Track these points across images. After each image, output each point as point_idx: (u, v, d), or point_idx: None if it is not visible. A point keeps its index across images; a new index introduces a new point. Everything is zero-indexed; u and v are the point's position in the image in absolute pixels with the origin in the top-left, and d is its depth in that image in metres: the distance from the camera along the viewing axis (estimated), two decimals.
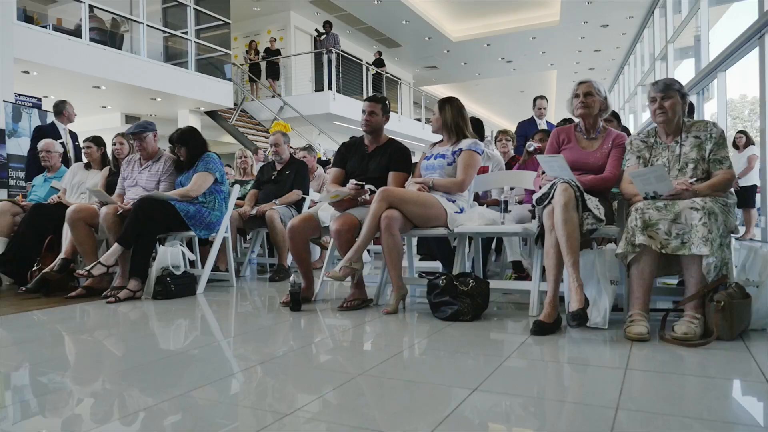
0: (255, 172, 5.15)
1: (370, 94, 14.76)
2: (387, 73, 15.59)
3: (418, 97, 23.08)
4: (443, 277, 2.68)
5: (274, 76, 13.26)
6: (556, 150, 2.87)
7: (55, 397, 1.67)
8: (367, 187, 3.05)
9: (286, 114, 12.69)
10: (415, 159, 3.61)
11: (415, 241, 3.93)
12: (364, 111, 3.33)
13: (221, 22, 11.64)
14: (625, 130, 4.17)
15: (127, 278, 3.58)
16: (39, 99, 8.21)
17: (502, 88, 24.61)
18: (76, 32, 8.94)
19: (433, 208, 2.92)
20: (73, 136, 6.48)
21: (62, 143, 5.68)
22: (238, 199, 4.86)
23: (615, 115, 3.63)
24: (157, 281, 3.51)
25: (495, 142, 4.88)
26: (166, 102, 11.08)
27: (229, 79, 11.84)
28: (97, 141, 4.65)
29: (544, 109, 6.51)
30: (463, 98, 17.31)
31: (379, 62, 15.43)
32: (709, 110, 11.31)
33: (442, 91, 24.53)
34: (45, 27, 8.96)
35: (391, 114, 12.88)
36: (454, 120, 3.14)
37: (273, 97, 13.02)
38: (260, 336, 2.52)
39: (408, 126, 16.52)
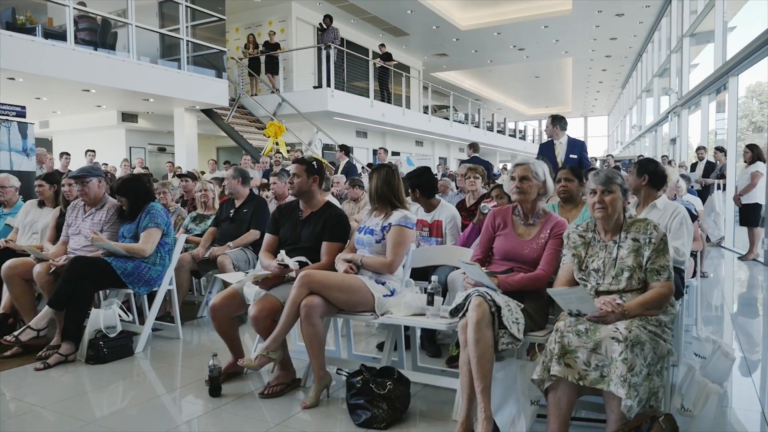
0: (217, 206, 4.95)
1: (375, 87, 14.44)
2: (393, 63, 15.13)
3: (429, 82, 22.62)
4: (360, 377, 2.49)
5: (273, 71, 12.98)
6: (490, 234, 2.62)
7: None
8: (292, 264, 2.85)
9: (285, 111, 12.44)
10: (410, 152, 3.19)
11: None
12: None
13: (216, 18, 11.34)
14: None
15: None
16: (23, 107, 8.07)
17: (516, 74, 23.95)
18: (66, 34, 8.75)
19: (359, 293, 2.71)
20: None
21: None
22: (197, 235, 4.70)
23: (577, 175, 3.33)
24: (90, 345, 3.39)
25: (464, 180, 4.61)
26: (160, 101, 10.92)
27: (224, 71, 11.58)
28: (50, 179, 4.50)
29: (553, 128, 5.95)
30: (477, 84, 16.90)
31: (386, 56, 14.98)
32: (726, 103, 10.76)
33: (454, 76, 23.99)
34: (34, 28, 8.83)
35: (396, 108, 12.45)
36: (379, 190, 2.90)
37: (272, 92, 12.77)
38: None
39: (412, 119, 16.14)
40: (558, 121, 5.79)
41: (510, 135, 25.39)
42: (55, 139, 14.09)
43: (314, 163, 3.19)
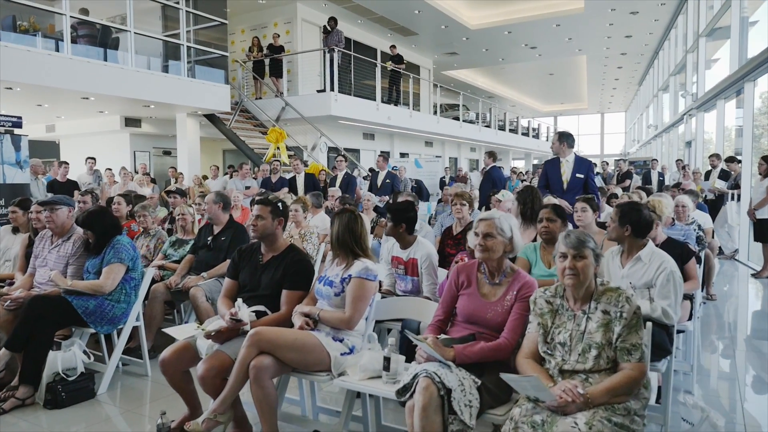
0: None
1: (384, 85, 14.16)
2: (403, 66, 14.83)
3: (441, 80, 22.27)
4: None
5: (277, 74, 12.80)
6: (454, 294, 2.41)
7: None
8: (246, 317, 2.66)
9: (289, 114, 12.28)
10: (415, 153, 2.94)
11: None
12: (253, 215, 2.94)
13: (218, 23, 11.17)
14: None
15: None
16: (19, 118, 7.99)
17: (530, 71, 23.50)
18: (64, 41, 8.64)
19: (313, 352, 2.51)
20: None
21: None
22: (175, 261, 4.55)
23: (560, 214, 3.09)
24: (47, 389, 3.26)
25: (451, 206, 4.39)
26: (161, 107, 10.82)
27: (226, 71, 11.42)
28: (23, 204, 4.38)
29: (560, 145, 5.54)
30: (490, 81, 16.58)
31: (397, 58, 14.69)
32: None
33: (466, 74, 23.64)
34: (34, 35, 8.76)
35: (403, 110, 12.09)
36: (340, 238, 2.69)
37: (276, 96, 12.60)
38: None
39: (420, 121, 15.85)
40: (565, 138, 5.49)
41: (523, 133, 24.93)
42: (63, 143, 14.13)
43: (279, 204, 3.01)
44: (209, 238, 4.42)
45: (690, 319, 3.46)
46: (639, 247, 2.78)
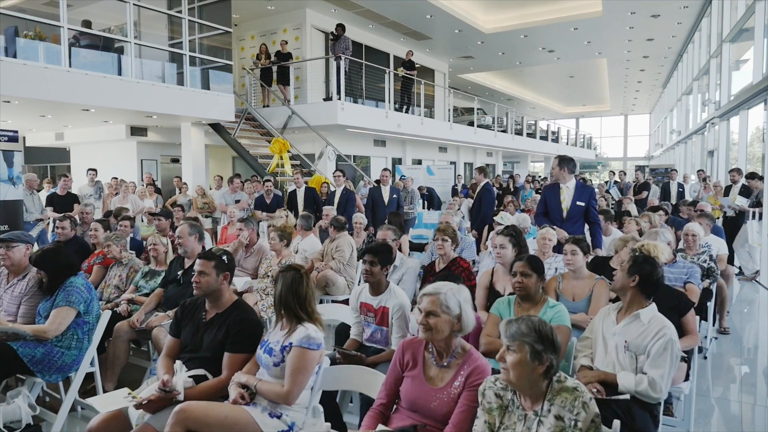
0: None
1: (397, 87, 13.86)
2: (415, 72, 14.49)
3: (457, 83, 21.90)
4: None
5: (284, 82, 12.60)
6: (398, 374, 2.12)
7: None
8: (180, 385, 2.42)
9: (296, 123, 12.07)
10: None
11: None
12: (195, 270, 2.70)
13: (222, 31, 11.02)
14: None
15: None
16: (15, 132, 7.92)
17: (550, 73, 22.98)
18: (69, 51, 8.54)
19: (245, 431, 2.26)
20: None
21: None
22: (145, 294, 4.35)
23: (535, 268, 2.77)
24: None
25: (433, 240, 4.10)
26: (165, 118, 10.71)
27: (231, 73, 11.25)
28: None
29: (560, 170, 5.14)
30: (509, 84, 16.13)
31: (409, 64, 14.36)
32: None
33: (484, 77, 23.24)
34: (44, 39, 8.71)
35: (414, 117, 11.83)
36: (283, 299, 2.43)
37: (283, 104, 12.41)
38: None
39: (432, 128, 15.49)
40: (566, 163, 5.10)
41: (542, 137, 24.34)
42: (72, 151, 14.18)
43: (224, 257, 2.76)
44: (179, 272, 4.20)
45: (687, 379, 3.11)
46: (641, 305, 2.46)
